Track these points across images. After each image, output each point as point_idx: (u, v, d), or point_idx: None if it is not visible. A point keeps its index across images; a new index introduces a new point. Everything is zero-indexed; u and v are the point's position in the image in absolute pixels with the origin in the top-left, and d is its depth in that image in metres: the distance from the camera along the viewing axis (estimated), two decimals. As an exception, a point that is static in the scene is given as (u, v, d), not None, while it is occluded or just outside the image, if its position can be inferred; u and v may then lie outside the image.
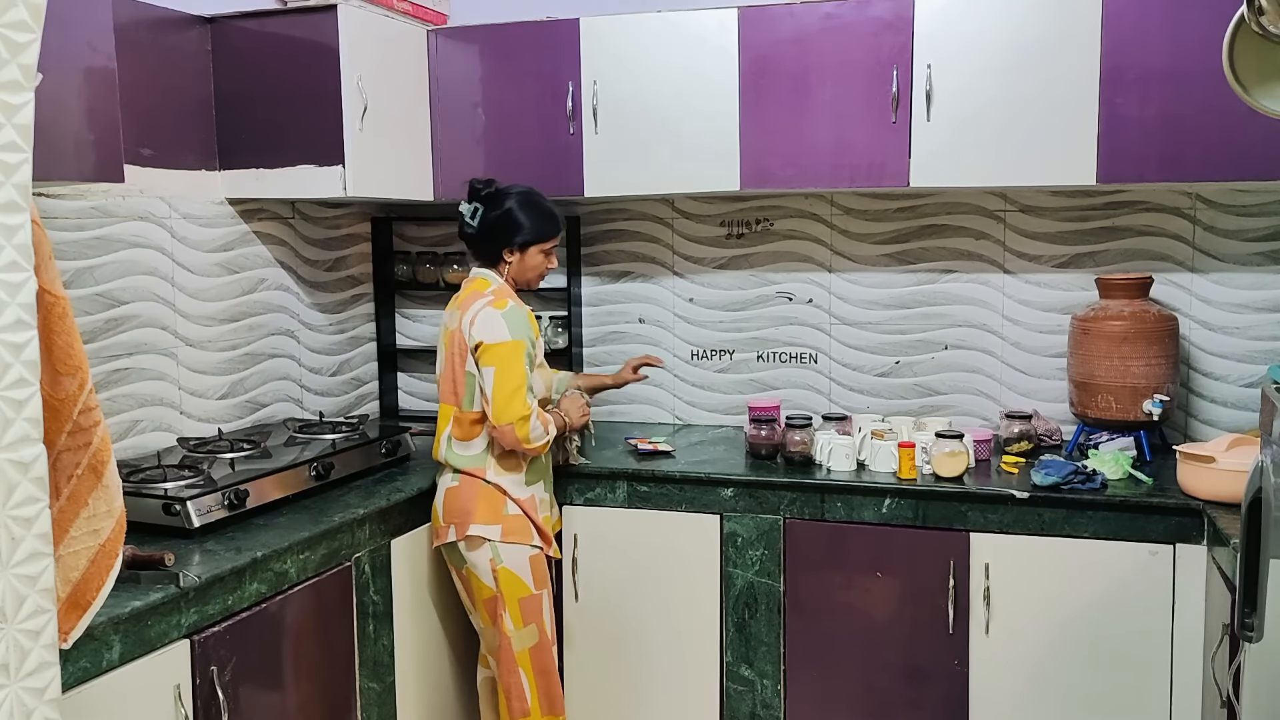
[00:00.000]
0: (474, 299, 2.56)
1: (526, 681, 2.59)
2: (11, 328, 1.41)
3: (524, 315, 2.56)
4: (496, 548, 2.54)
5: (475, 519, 2.55)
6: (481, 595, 2.59)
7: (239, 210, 3.00)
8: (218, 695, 2.03)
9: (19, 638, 1.44)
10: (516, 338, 2.50)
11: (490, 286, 2.60)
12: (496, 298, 2.55)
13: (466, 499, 2.56)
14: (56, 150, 1.94)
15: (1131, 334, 2.82)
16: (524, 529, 2.57)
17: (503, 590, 2.55)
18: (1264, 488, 1.73)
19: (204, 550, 2.16)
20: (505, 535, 2.55)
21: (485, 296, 2.56)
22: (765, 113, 2.95)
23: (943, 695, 2.70)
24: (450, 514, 2.59)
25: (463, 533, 2.55)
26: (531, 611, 2.58)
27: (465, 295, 2.61)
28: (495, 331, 2.49)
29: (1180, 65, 2.63)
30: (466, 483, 2.57)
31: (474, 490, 2.56)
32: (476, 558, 2.56)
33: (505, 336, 2.49)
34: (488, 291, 2.58)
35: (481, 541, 2.55)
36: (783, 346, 3.40)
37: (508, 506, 2.56)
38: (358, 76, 2.85)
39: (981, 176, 2.82)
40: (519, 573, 2.56)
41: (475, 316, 2.52)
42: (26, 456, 1.43)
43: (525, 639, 2.58)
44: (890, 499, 2.71)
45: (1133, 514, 2.52)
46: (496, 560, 2.55)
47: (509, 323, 2.50)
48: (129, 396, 2.65)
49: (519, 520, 2.57)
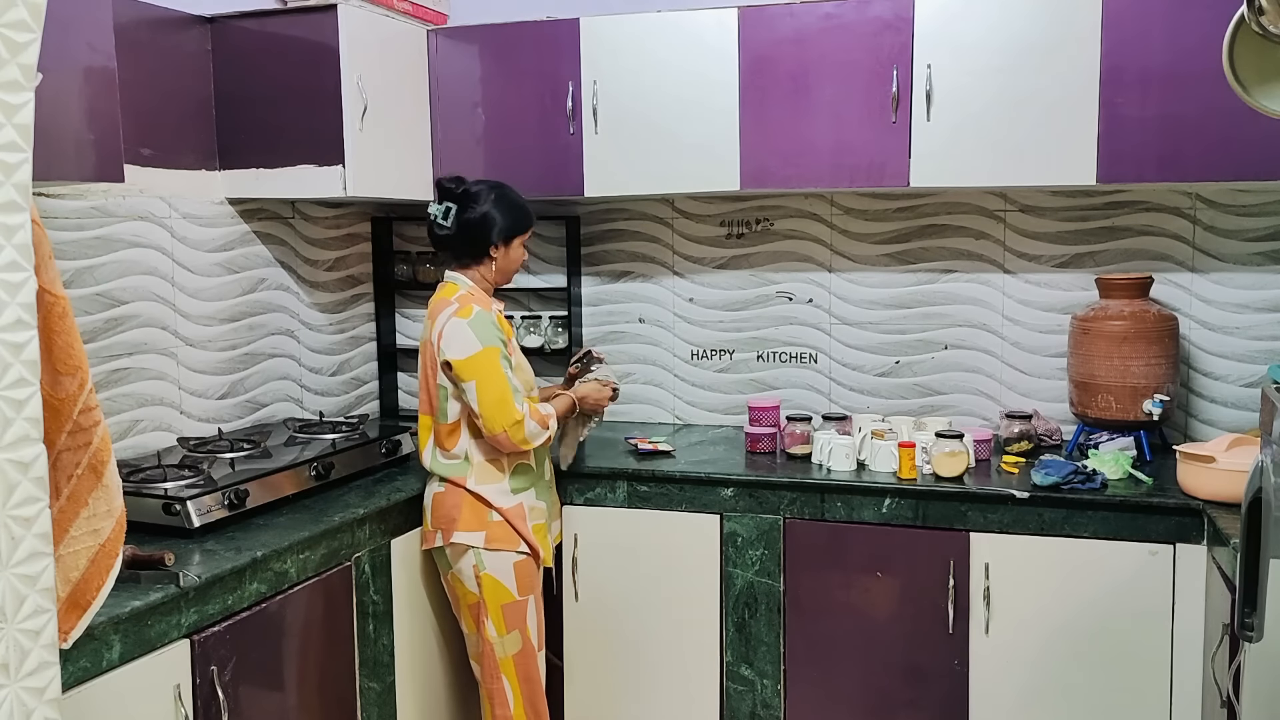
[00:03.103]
0: (442, 307, 2.52)
1: (510, 689, 2.57)
2: (11, 328, 1.41)
3: (491, 318, 2.51)
4: (480, 554, 2.54)
5: (459, 526, 2.54)
6: (466, 600, 2.59)
7: (239, 210, 3.00)
8: (218, 695, 2.03)
9: (19, 637, 1.44)
10: (487, 344, 2.46)
11: (458, 291, 2.55)
12: (461, 305, 2.50)
13: (451, 506, 2.55)
14: (56, 150, 1.94)
15: (1131, 334, 2.82)
16: (508, 535, 2.56)
17: (485, 596, 2.55)
18: (1264, 488, 1.73)
19: (204, 550, 2.16)
20: (489, 542, 2.54)
21: (451, 305, 2.51)
22: (765, 113, 2.95)
23: (943, 695, 2.70)
24: (437, 520, 2.58)
25: (448, 539, 2.55)
26: (515, 618, 2.56)
27: (435, 302, 2.57)
28: (464, 345, 2.45)
29: (1180, 65, 2.63)
30: (451, 490, 2.56)
31: (458, 498, 2.55)
32: (461, 564, 2.56)
33: (476, 347, 2.45)
34: (454, 298, 2.53)
35: (465, 548, 2.54)
36: (783, 346, 3.40)
37: (491, 514, 2.55)
38: (358, 76, 2.85)
39: (981, 176, 2.82)
40: (502, 578, 2.55)
41: (443, 330, 2.48)
42: (26, 456, 1.43)
43: (508, 645, 2.56)
44: (890, 499, 2.71)
45: (1133, 514, 2.52)
46: (480, 566, 2.54)
47: (476, 331, 2.46)
48: (129, 396, 2.65)
49: (502, 527, 2.56)
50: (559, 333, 3.49)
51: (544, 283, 3.57)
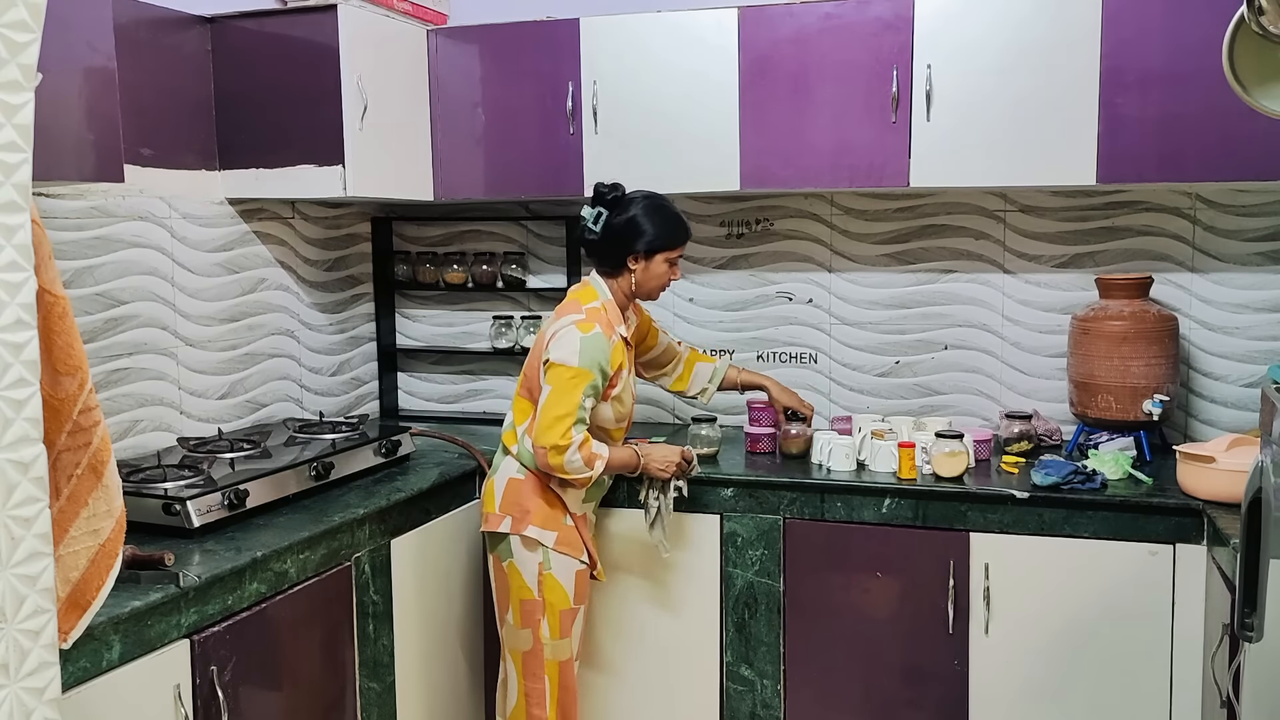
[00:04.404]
0: (570, 309, 2.50)
1: (549, 692, 2.57)
2: (11, 328, 1.41)
3: (605, 346, 2.45)
4: (549, 554, 2.53)
5: (534, 520, 2.52)
6: (520, 594, 2.56)
7: (239, 210, 3.00)
8: (218, 695, 2.03)
9: (19, 638, 1.44)
10: (585, 366, 2.41)
11: (591, 302, 2.51)
12: (588, 317, 2.46)
13: (528, 497, 2.53)
14: (56, 150, 1.94)
15: (1131, 334, 2.82)
16: (576, 542, 2.56)
17: (546, 597, 2.53)
18: (1264, 488, 1.73)
19: (204, 550, 2.16)
20: (559, 544, 2.53)
21: (579, 313, 2.47)
22: (765, 113, 2.95)
23: (942, 695, 2.70)
24: (508, 505, 2.55)
25: (520, 528, 2.52)
26: (568, 625, 2.57)
27: (568, 301, 2.55)
28: (566, 353, 2.42)
29: (1180, 65, 2.63)
30: (532, 481, 2.54)
31: (538, 491, 2.53)
32: (526, 558, 2.53)
33: (574, 362, 2.41)
34: (585, 307, 2.49)
35: (536, 545, 2.52)
36: (783, 346, 3.40)
37: (565, 518, 2.55)
38: (358, 76, 2.85)
39: (981, 176, 2.82)
40: (564, 583, 2.54)
41: (558, 332, 2.46)
42: (26, 456, 1.43)
43: (560, 651, 2.56)
44: (890, 499, 2.71)
45: (1133, 514, 2.52)
46: (545, 565, 2.53)
47: (584, 349, 2.42)
48: (129, 396, 2.65)
49: (572, 532, 2.55)
50: (559, 333, 3.48)
51: (544, 283, 3.57)
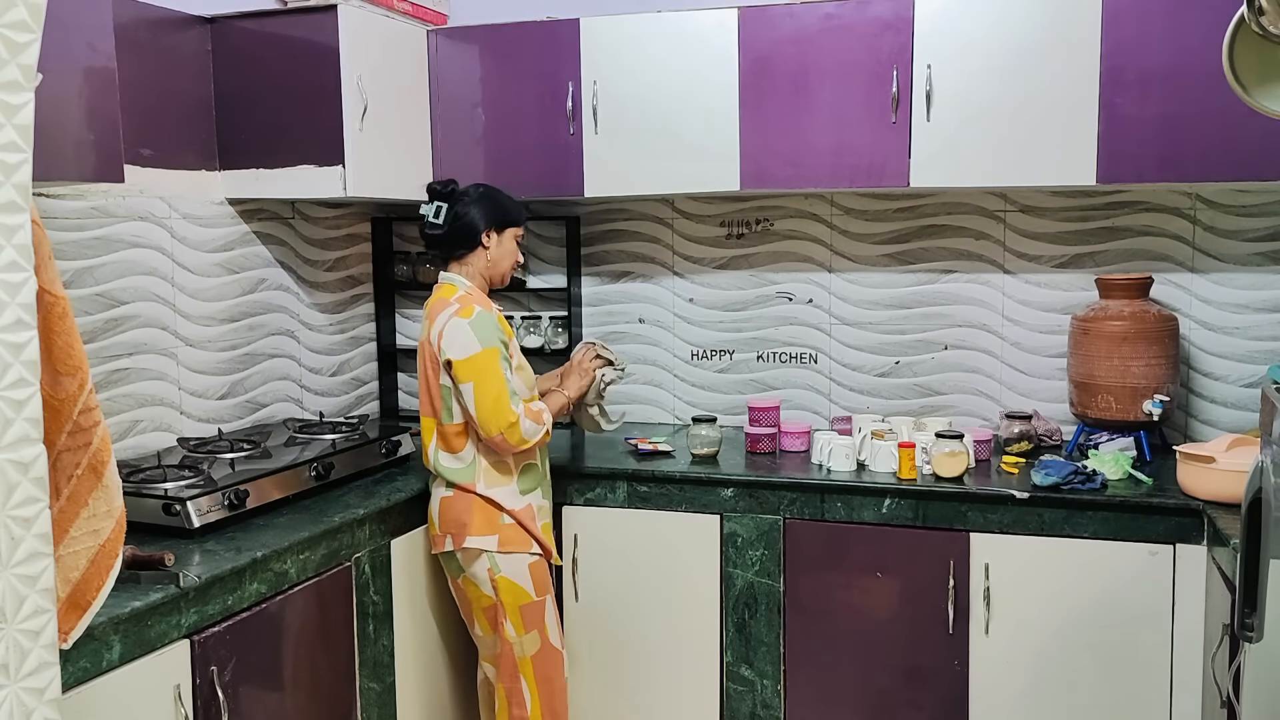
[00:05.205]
0: (440, 308, 2.51)
1: (528, 689, 2.57)
2: (11, 328, 1.41)
3: (492, 319, 2.51)
4: (494, 558, 2.53)
5: (471, 530, 2.53)
6: (480, 604, 2.59)
7: (239, 210, 3.00)
8: (218, 695, 2.03)
9: (19, 638, 1.44)
10: (488, 345, 2.45)
11: (456, 292, 2.54)
12: (462, 305, 2.49)
13: (461, 510, 2.54)
14: (56, 150, 1.94)
15: (1131, 334, 2.82)
16: (521, 537, 2.56)
17: (502, 599, 2.54)
18: (1264, 488, 1.73)
19: (204, 550, 2.16)
20: (502, 545, 2.54)
21: (451, 305, 2.50)
22: (765, 113, 2.95)
23: (943, 695, 2.70)
24: (446, 524, 2.57)
25: (460, 544, 2.54)
26: (533, 618, 2.57)
27: (433, 303, 2.56)
28: (465, 344, 2.44)
29: (1180, 65, 2.63)
30: (459, 495, 2.55)
31: (467, 502, 2.54)
32: (475, 568, 2.55)
33: (476, 348, 2.44)
34: (453, 299, 2.52)
35: (479, 553, 2.54)
36: (783, 346, 3.40)
37: (502, 518, 2.55)
38: (358, 76, 2.85)
39: (981, 176, 2.82)
40: (519, 581, 2.55)
41: (443, 329, 2.47)
42: (26, 456, 1.43)
43: (527, 646, 2.57)
44: (890, 499, 2.71)
45: (1133, 514, 2.52)
46: (495, 570, 2.54)
47: (477, 331, 2.45)
48: (129, 396, 2.65)
49: (515, 529, 2.55)
50: (559, 333, 3.49)
51: (544, 283, 3.57)
